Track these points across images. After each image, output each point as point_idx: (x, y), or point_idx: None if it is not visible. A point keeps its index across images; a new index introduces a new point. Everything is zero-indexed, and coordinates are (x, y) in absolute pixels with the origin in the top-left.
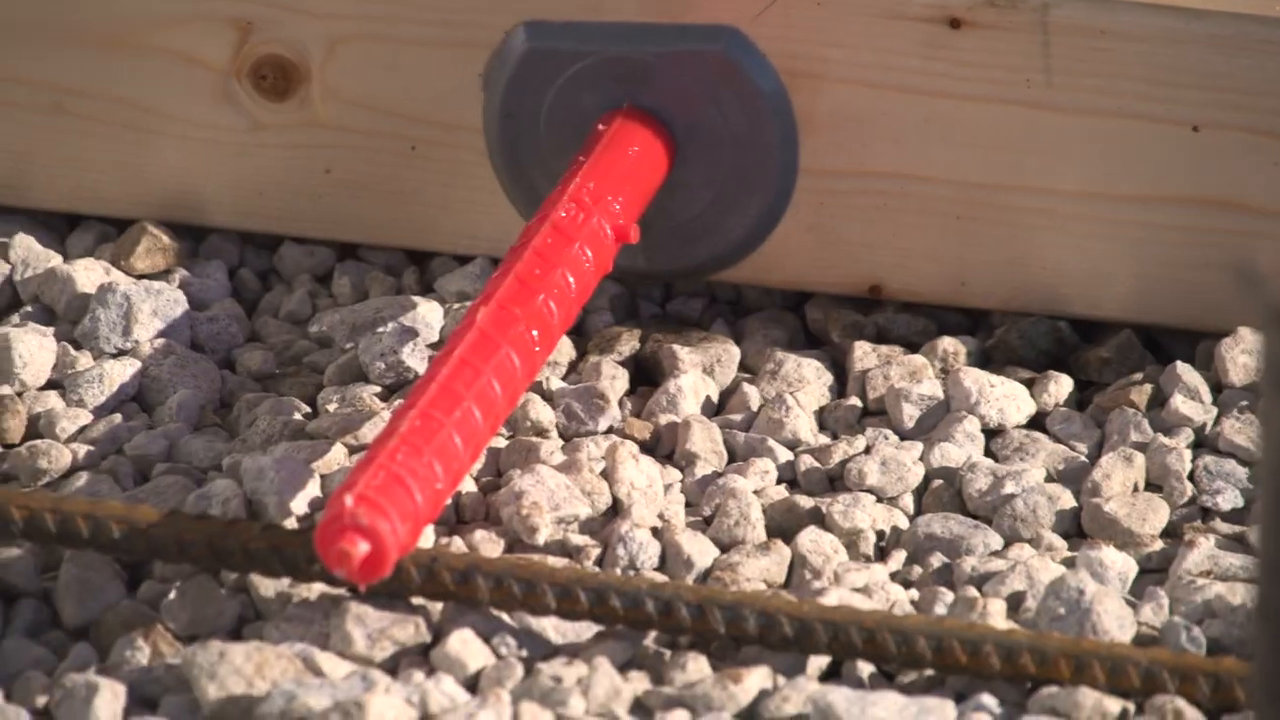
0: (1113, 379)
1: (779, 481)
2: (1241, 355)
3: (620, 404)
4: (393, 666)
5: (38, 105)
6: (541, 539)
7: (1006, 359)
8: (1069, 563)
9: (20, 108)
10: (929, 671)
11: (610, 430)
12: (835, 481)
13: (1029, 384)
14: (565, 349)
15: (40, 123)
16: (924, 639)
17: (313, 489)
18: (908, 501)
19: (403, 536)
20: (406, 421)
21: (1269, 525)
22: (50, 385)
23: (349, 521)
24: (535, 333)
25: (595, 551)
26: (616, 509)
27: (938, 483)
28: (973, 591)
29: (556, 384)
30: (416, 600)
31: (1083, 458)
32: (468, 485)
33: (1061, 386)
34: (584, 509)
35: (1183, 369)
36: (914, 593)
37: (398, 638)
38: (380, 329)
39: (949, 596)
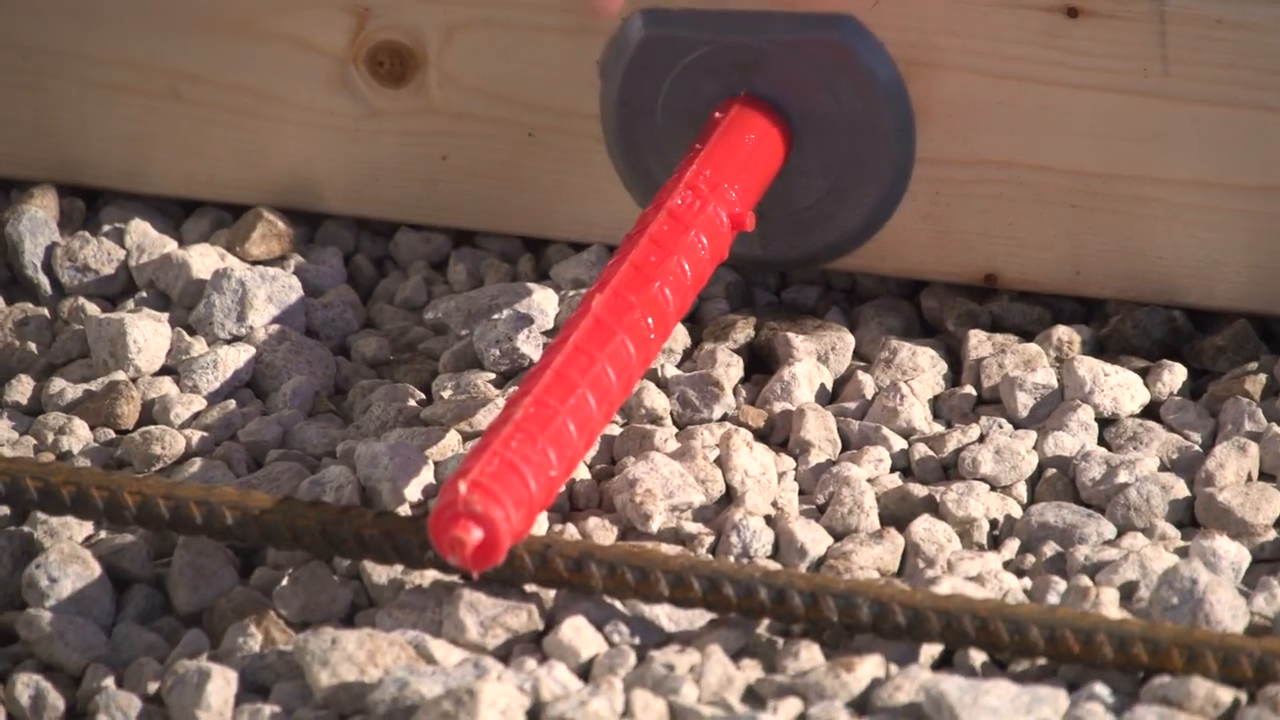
0: (1227, 368)
1: (893, 470)
2: None
3: (735, 392)
4: (505, 654)
5: (155, 91)
6: (654, 526)
7: (1121, 348)
8: (1182, 552)
9: (137, 93)
10: (1041, 661)
11: (725, 418)
12: (949, 470)
13: (1143, 373)
14: (680, 336)
15: (157, 108)
16: (1037, 628)
17: (426, 476)
18: (1021, 490)
19: (516, 523)
20: (521, 409)
21: None
22: (165, 371)
23: (463, 508)
24: (650, 320)
25: (709, 539)
26: (730, 497)
27: (1051, 471)
28: (1086, 580)
29: (671, 371)
30: (529, 587)
31: (1196, 447)
32: (581, 473)
33: (1176, 376)
34: (698, 497)
35: None
36: (1027, 581)
37: (510, 625)
38: (495, 316)
39: (1062, 585)
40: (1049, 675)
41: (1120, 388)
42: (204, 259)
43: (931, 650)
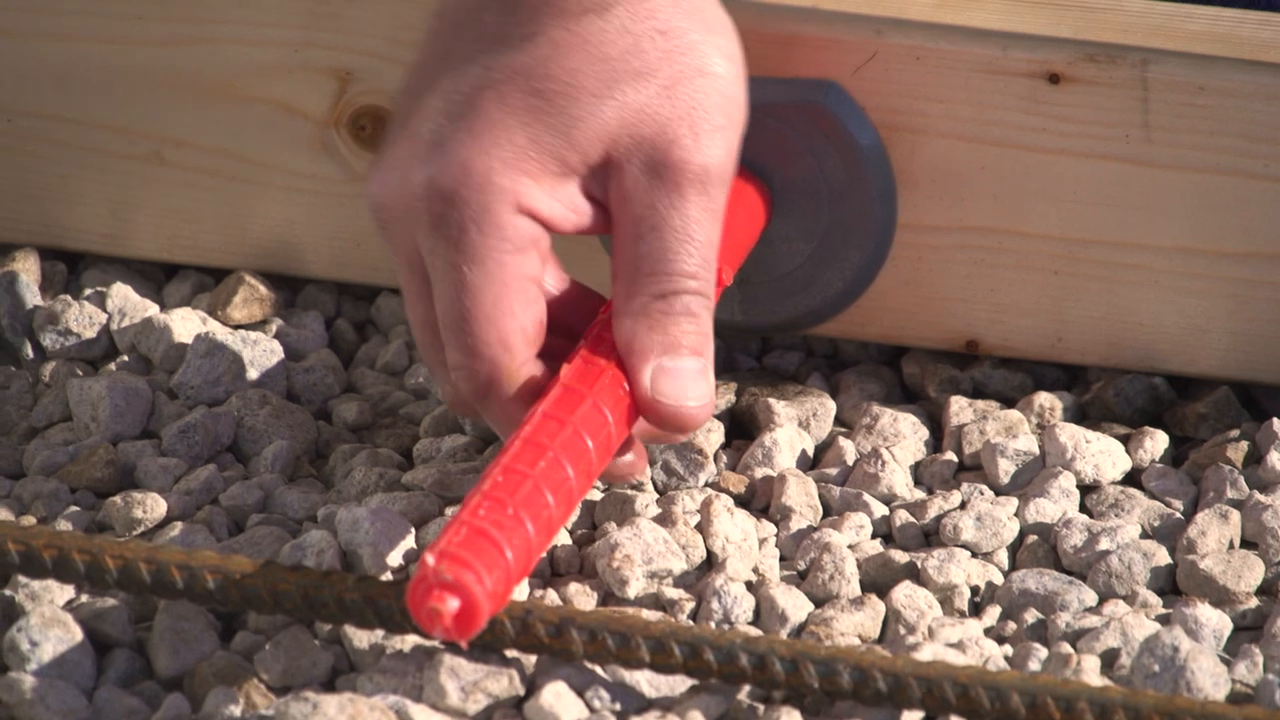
0: (1209, 435)
1: (874, 536)
2: None
3: (715, 457)
4: (486, 719)
5: (137, 154)
6: (632, 592)
7: (1102, 415)
8: (1164, 620)
9: (120, 157)
10: None
11: (706, 484)
12: (930, 536)
13: (1125, 440)
14: None
15: (140, 172)
16: (1018, 695)
17: (408, 541)
18: (1002, 557)
19: (491, 587)
20: (490, 478)
21: None
22: (146, 435)
23: (434, 579)
24: (626, 385)
25: (689, 605)
26: (711, 562)
27: (1033, 538)
28: (1067, 648)
29: None
30: (510, 652)
31: (1178, 514)
32: (562, 538)
33: (1157, 443)
34: (678, 563)
35: None
36: (1008, 648)
37: (491, 690)
38: None
39: (1043, 653)
40: None
41: (1102, 454)
42: (185, 323)
43: (913, 717)
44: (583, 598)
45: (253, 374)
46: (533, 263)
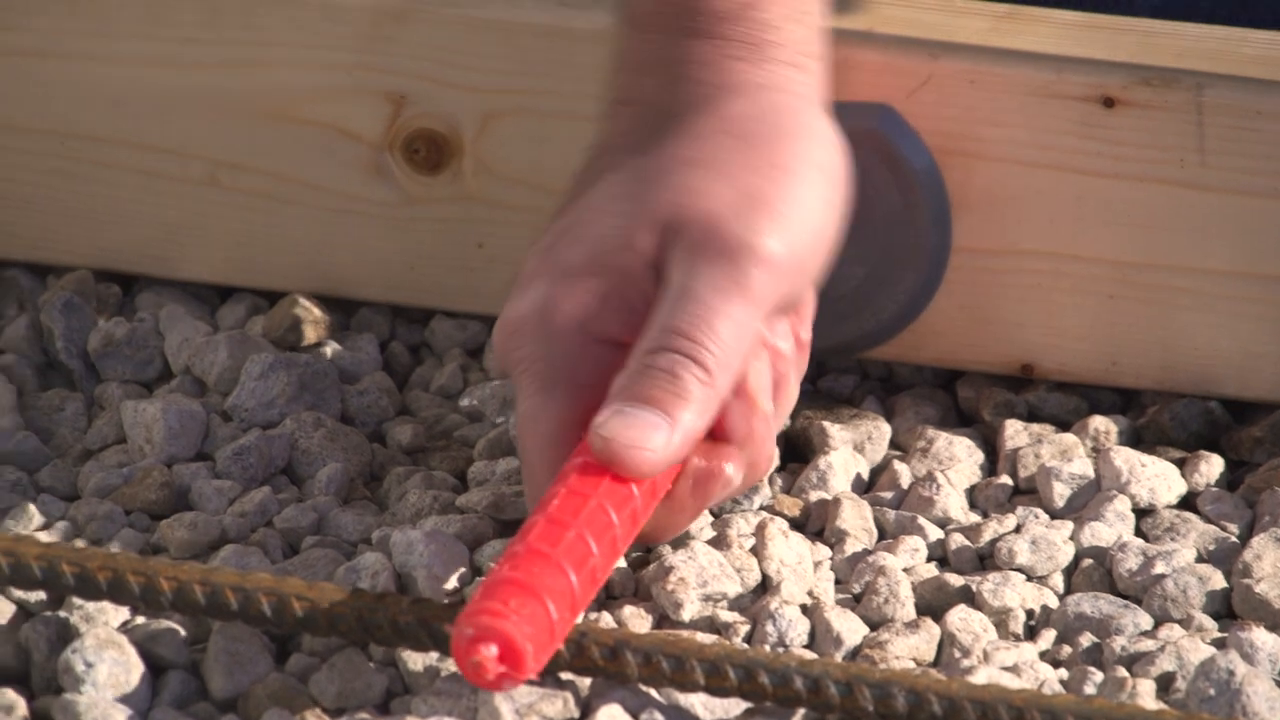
0: (1264, 459)
1: (929, 559)
2: None
3: (770, 481)
4: None
5: (192, 177)
6: (687, 615)
7: (1158, 439)
8: (1219, 644)
9: (174, 180)
10: None
11: (760, 507)
12: (985, 560)
13: (1180, 464)
14: None
15: (194, 195)
16: (1073, 719)
17: (462, 563)
18: (1058, 580)
19: (527, 624)
20: (522, 544)
21: None
22: (200, 457)
23: (468, 632)
24: None
25: (744, 628)
26: (766, 586)
27: (1088, 562)
28: (1122, 671)
29: None
30: (565, 675)
31: (1233, 538)
32: (617, 561)
33: (1213, 466)
34: (733, 586)
35: None
36: (1063, 672)
37: (546, 713)
38: None
39: (1098, 676)
40: None
41: (1157, 478)
42: (239, 345)
43: None
44: (637, 620)
45: (307, 396)
46: None
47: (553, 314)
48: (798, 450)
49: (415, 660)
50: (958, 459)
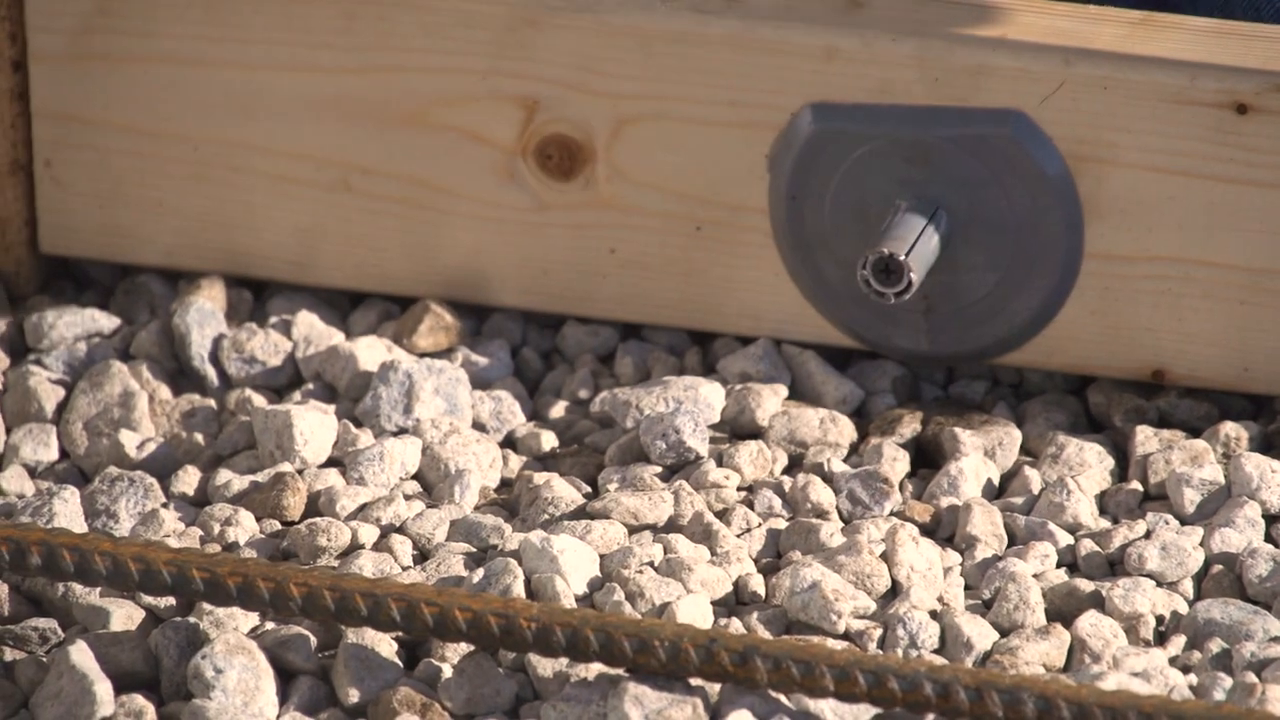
0: None
1: (1059, 565)
2: None
3: (901, 486)
4: None
5: (325, 182)
6: (842, 626)
7: None
8: None
9: (308, 185)
10: None
11: (891, 513)
12: (1115, 565)
13: None
14: (846, 430)
15: (327, 200)
16: None
17: (592, 569)
18: (1187, 586)
19: None
20: None
21: None
22: (331, 463)
23: None
24: None
25: (876, 633)
26: (896, 591)
27: (1218, 568)
28: (1251, 677)
29: (839, 466)
30: (694, 681)
31: None
32: (748, 566)
33: None
34: (864, 599)
35: None
36: (1192, 678)
37: (675, 718)
38: (662, 409)
39: (1227, 682)
40: None
41: None
42: (371, 351)
43: None
44: (767, 626)
45: (439, 402)
46: None
47: None
48: (928, 456)
49: (544, 666)
50: (1088, 465)
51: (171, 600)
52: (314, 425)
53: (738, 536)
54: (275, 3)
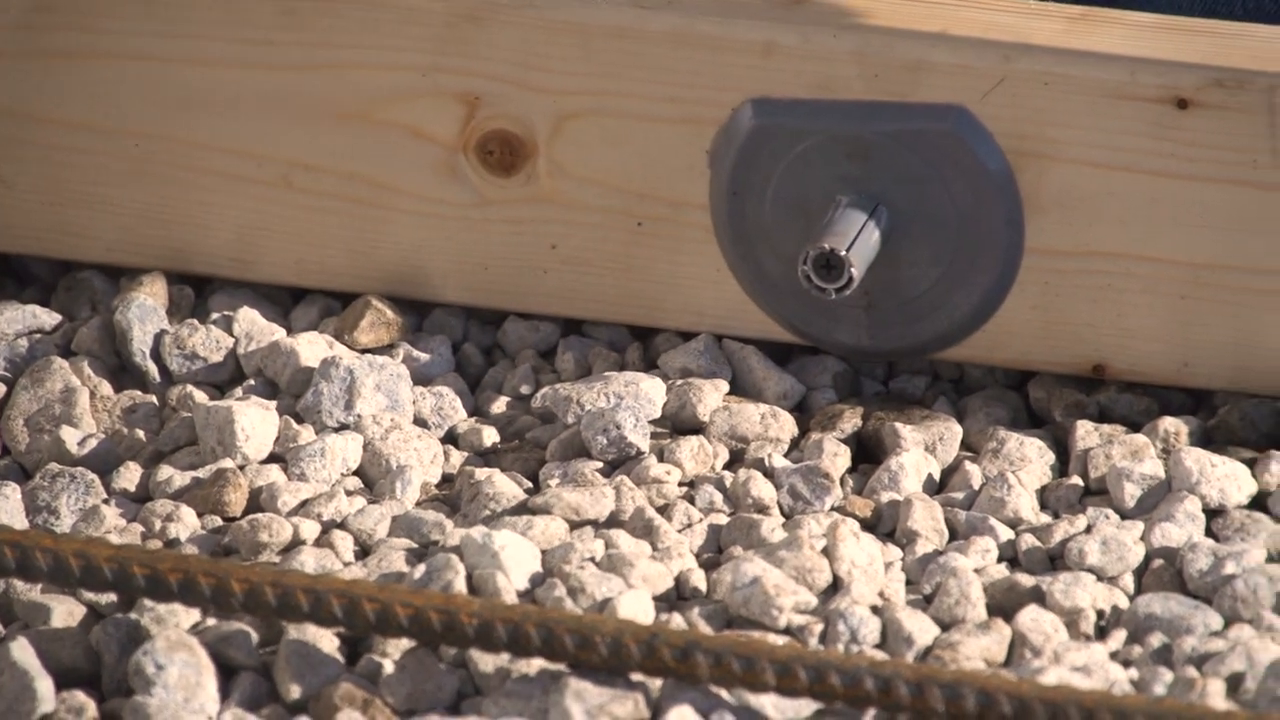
0: None
1: (1000, 560)
2: None
3: (841, 481)
4: None
5: (267, 179)
6: (783, 622)
7: (1228, 439)
8: None
9: (249, 182)
10: None
11: (832, 508)
12: (1056, 560)
13: (1250, 464)
14: (787, 426)
15: (269, 196)
16: (1143, 719)
17: (533, 564)
18: (1128, 581)
19: None
20: None
21: None
22: (272, 459)
23: None
24: None
25: (817, 628)
26: (837, 586)
27: (1158, 562)
28: (1192, 672)
29: (779, 462)
30: (636, 676)
31: None
32: (689, 562)
33: None
34: (806, 595)
35: None
36: (1133, 672)
37: (617, 714)
38: (603, 405)
39: (1168, 676)
40: None
41: (1227, 479)
42: (312, 347)
43: None
44: (708, 621)
45: (380, 398)
46: None
47: None
48: (869, 451)
49: (486, 661)
50: (1029, 460)
51: (113, 596)
52: (255, 421)
53: (679, 532)
54: None
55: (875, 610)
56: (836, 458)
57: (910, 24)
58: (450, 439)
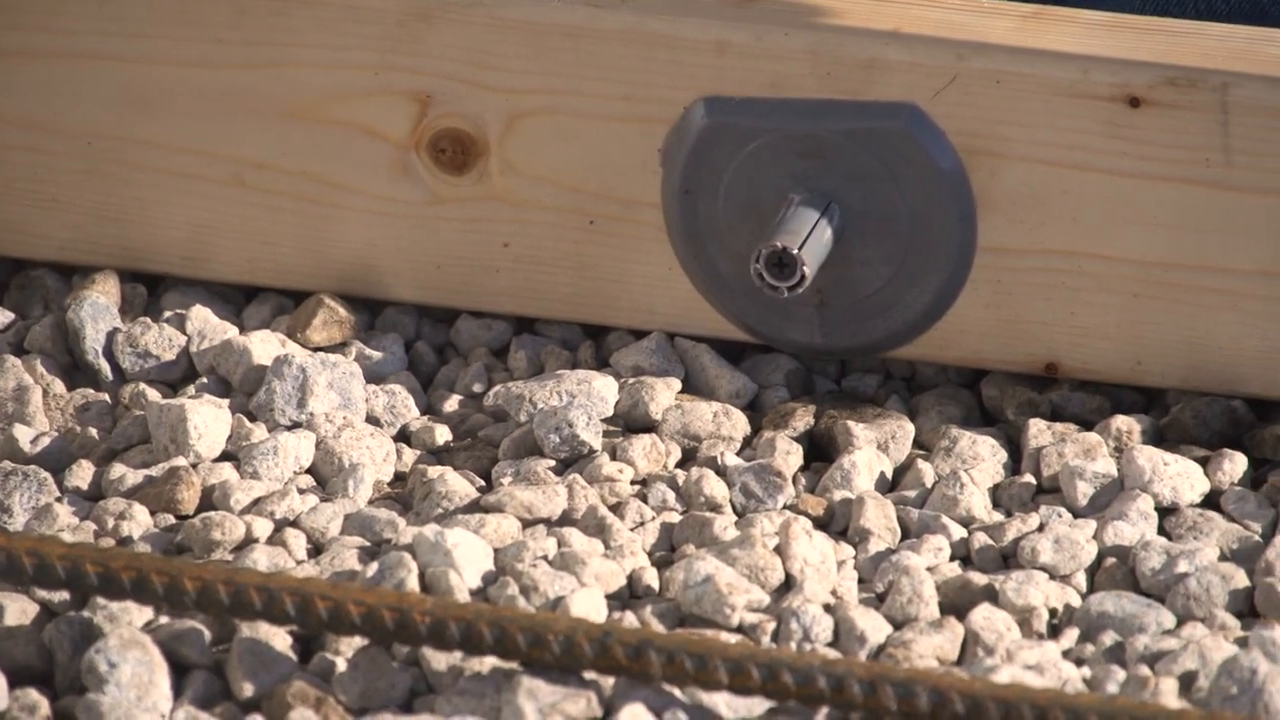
0: None
1: (952, 558)
2: None
3: (794, 480)
4: None
5: (218, 177)
6: (736, 621)
7: (1180, 438)
8: (1242, 642)
9: (201, 180)
10: None
11: (784, 506)
12: (1009, 559)
13: (1203, 462)
14: (740, 424)
15: (221, 195)
16: (1096, 717)
17: (486, 563)
18: (1080, 579)
19: None
20: None
21: None
22: (225, 457)
23: None
24: None
25: (770, 627)
26: (789, 585)
27: (1111, 561)
28: (1145, 670)
29: (731, 460)
30: (588, 674)
31: (1256, 537)
32: (641, 560)
33: (1236, 465)
34: (758, 593)
35: None
36: (1086, 671)
37: (569, 712)
38: (555, 403)
39: (1121, 675)
40: None
41: (1180, 477)
42: (265, 345)
43: None
44: (661, 620)
45: (333, 396)
46: None
47: None
48: (822, 449)
49: (438, 660)
50: (981, 458)
51: (66, 594)
52: (208, 419)
53: (631, 530)
54: None
55: (828, 609)
56: (789, 456)
57: (863, 22)
58: (403, 437)
